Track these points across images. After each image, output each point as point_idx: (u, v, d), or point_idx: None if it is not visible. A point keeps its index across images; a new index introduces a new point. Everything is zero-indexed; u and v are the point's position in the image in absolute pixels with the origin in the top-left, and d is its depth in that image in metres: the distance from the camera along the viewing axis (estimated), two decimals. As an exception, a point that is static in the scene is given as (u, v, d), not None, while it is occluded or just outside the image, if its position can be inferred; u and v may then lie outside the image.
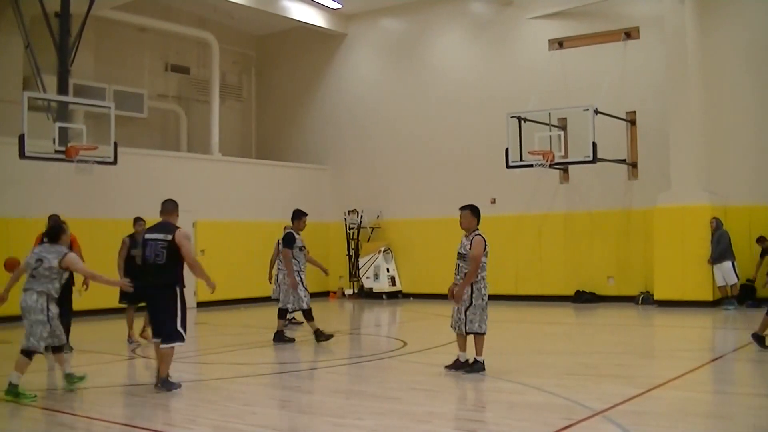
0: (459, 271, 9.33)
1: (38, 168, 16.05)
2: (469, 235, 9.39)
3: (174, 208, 9.06)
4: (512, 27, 20.49)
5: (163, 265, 8.43)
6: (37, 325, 8.27)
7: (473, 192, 20.48)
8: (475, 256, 9.15)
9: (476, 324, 9.19)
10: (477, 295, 9.24)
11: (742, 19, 17.58)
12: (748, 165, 17.39)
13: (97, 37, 20.28)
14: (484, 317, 9.29)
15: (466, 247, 9.18)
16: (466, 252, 9.13)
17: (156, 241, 8.58)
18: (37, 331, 8.26)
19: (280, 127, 24.67)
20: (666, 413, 7.08)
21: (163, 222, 8.87)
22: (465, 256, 9.14)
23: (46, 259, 8.39)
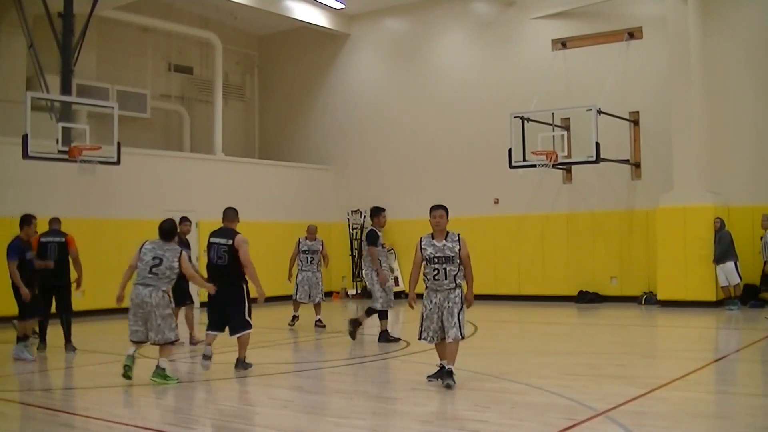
0: (446, 276, 8.42)
1: (41, 168, 16.08)
2: (447, 235, 8.53)
3: (235, 215, 10.01)
4: (515, 27, 20.48)
5: (226, 266, 9.51)
6: (168, 318, 9.01)
7: (476, 192, 20.58)
8: (468, 256, 8.50)
9: (465, 328, 8.57)
10: (463, 296, 8.53)
11: (745, 19, 17.56)
12: (751, 165, 17.37)
13: (100, 37, 20.31)
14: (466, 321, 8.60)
15: (453, 249, 8.43)
16: (454, 254, 8.40)
17: (219, 245, 9.61)
18: (170, 323, 9.02)
19: (283, 127, 24.69)
20: (668, 414, 7.07)
21: (224, 228, 9.80)
22: (453, 258, 8.39)
23: (165, 258, 9.00)
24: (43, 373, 10.56)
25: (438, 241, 8.51)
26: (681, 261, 16.83)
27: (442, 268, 8.43)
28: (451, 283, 8.43)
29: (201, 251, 19.68)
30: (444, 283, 8.43)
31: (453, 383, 8.15)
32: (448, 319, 8.37)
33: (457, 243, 8.49)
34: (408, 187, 21.93)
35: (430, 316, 8.53)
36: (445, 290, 8.45)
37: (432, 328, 8.53)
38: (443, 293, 8.46)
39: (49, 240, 12.09)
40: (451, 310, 8.38)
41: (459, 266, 8.43)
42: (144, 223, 18.45)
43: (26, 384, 9.68)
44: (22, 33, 16.95)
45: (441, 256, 8.44)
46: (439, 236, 8.54)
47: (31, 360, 10.82)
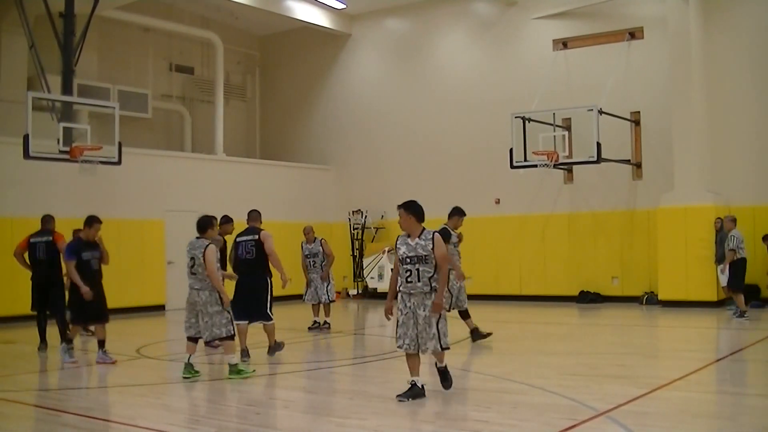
0: (419, 277, 7.66)
1: (42, 168, 16.08)
2: (420, 234, 7.84)
3: (258, 215, 11.18)
4: (516, 27, 20.48)
5: (254, 260, 10.61)
6: (215, 315, 9.21)
7: (477, 192, 20.58)
8: (444, 256, 7.80)
9: (447, 337, 7.81)
10: (444, 302, 7.88)
11: (746, 19, 17.56)
12: (752, 165, 17.36)
13: (101, 38, 20.32)
14: (447, 329, 7.86)
15: (426, 248, 7.69)
16: (427, 253, 7.66)
17: (246, 242, 10.71)
18: (218, 321, 9.22)
19: (284, 127, 24.69)
20: (669, 414, 7.07)
21: (250, 227, 10.93)
22: (426, 258, 7.66)
23: (196, 257, 9.26)
24: (43, 373, 10.56)
25: (412, 240, 7.83)
26: (682, 261, 16.82)
27: (415, 269, 7.69)
28: (425, 286, 7.67)
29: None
30: (417, 285, 7.68)
31: (450, 382, 7.97)
32: (426, 330, 7.65)
33: (430, 242, 7.74)
34: (409, 187, 21.84)
35: (405, 322, 7.77)
36: (419, 294, 7.69)
37: (409, 335, 7.76)
38: (417, 297, 7.71)
39: (38, 240, 12.06)
40: (429, 319, 7.65)
41: (435, 267, 7.72)
42: (145, 223, 18.52)
43: (26, 384, 9.68)
44: (23, 33, 16.95)
45: (413, 255, 7.72)
46: (414, 235, 7.86)
47: (69, 361, 10.61)
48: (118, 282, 16.81)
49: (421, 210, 8.03)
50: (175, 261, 19.22)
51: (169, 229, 19.07)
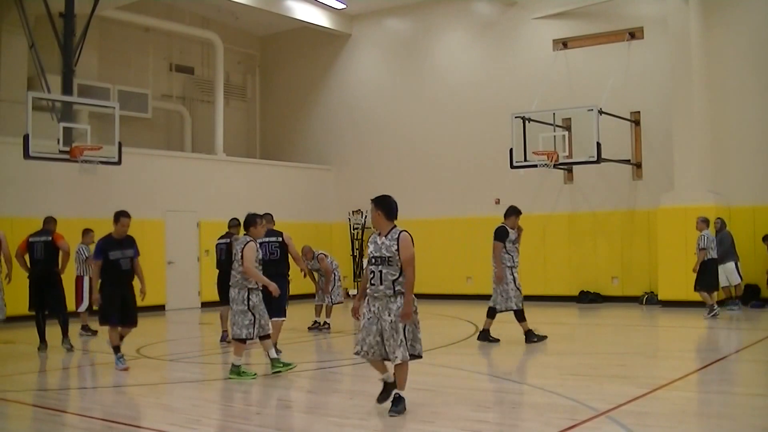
0: (382, 280, 7.14)
1: (42, 168, 16.09)
2: (388, 232, 7.28)
3: (272, 218, 11.61)
4: (516, 27, 20.47)
5: (278, 260, 11.02)
6: (238, 315, 9.19)
7: (477, 192, 20.59)
8: (410, 258, 7.24)
9: (417, 345, 7.22)
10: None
11: (746, 19, 17.55)
12: (753, 165, 17.35)
13: (101, 37, 20.32)
14: (418, 336, 7.28)
15: (390, 248, 7.15)
16: (391, 254, 7.14)
17: (270, 243, 11.05)
18: (239, 320, 9.18)
19: (284, 127, 24.68)
20: (669, 414, 7.07)
21: (270, 229, 11.08)
22: (390, 259, 7.13)
23: (237, 252, 9.31)
24: (43, 373, 10.56)
25: (380, 239, 7.29)
26: (682, 261, 16.78)
27: (378, 270, 7.16)
28: (388, 289, 7.12)
29: (202, 251, 19.73)
30: (379, 288, 7.14)
31: (400, 412, 7.05)
32: (393, 336, 7.06)
33: (395, 242, 7.18)
34: (409, 187, 21.90)
35: (367, 327, 7.20)
36: (382, 298, 7.15)
37: (368, 342, 7.17)
38: (381, 301, 7.16)
39: (36, 240, 12.09)
40: (395, 325, 7.07)
41: (400, 270, 7.20)
42: (145, 223, 18.48)
43: (26, 384, 9.68)
44: (24, 33, 16.95)
45: (378, 256, 7.18)
46: (383, 233, 7.30)
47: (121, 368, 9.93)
48: (118, 282, 16.83)
49: (391, 206, 7.40)
50: (174, 261, 19.23)
51: (169, 229, 19.08)
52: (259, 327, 9.27)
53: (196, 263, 19.76)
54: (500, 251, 11.98)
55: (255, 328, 9.21)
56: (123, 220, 10.22)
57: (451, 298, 20.28)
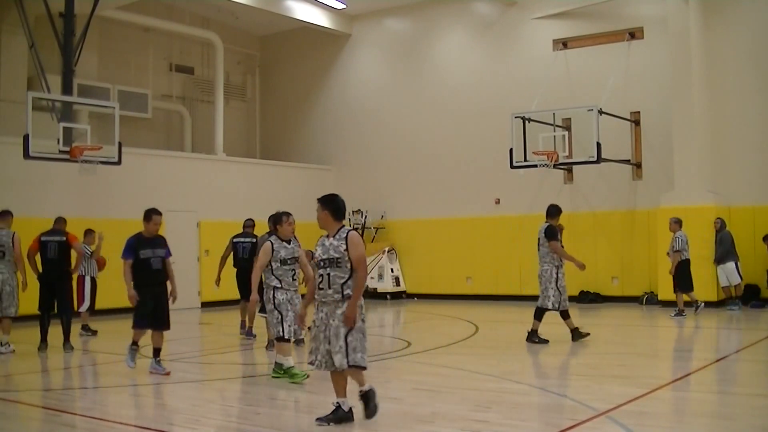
0: (330, 284, 6.66)
1: (42, 168, 16.09)
2: (336, 233, 6.83)
3: None
4: (516, 27, 20.47)
5: None
6: (269, 314, 9.03)
7: (477, 192, 20.60)
8: (359, 258, 6.69)
9: (359, 354, 6.71)
10: (359, 312, 6.73)
11: (746, 19, 17.55)
12: (752, 165, 17.36)
13: (101, 38, 20.32)
14: (365, 345, 6.79)
15: (338, 249, 6.67)
16: (339, 255, 6.66)
17: None
18: (271, 320, 9.03)
19: (284, 127, 24.68)
20: (670, 413, 7.07)
21: None
22: (339, 261, 6.65)
23: None
24: (43, 373, 10.56)
25: (328, 240, 6.84)
26: (682, 261, 16.80)
27: (326, 273, 6.70)
28: (336, 293, 6.65)
29: (202, 251, 19.73)
30: (328, 293, 6.69)
31: (376, 408, 6.75)
32: (333, 342, 6.65)
33: (344, 242, 6.69)
34: (409, 187, 21.93)
35: (317, 335, 6.82)
36: (330, 303, 6.70)
37: (320, 351, 6.79)
38: (329, 306, 6.71)
39: (49, 239, 12.14)
40: (337, 330, 6.63)
41: (350, 272, 6.68)
42: (145, 223, 18.47)
43: (26, 384, 9.68)
44: (24, 33, 16.95)
45: (326, 258, 6.73)
46: (331, 234, 6.86)
47: (130, 366, 9.67)
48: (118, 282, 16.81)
49: (339, 205, 7.00)
50: (175, 261, 19.17)
51: (169, 229, 19.00)
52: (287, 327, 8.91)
53: (196, 263, 19.75)
54: (560, 247, 12.13)
55: (285, 325, 8.85)
56: (155, 217, 9.89)
57: (451, 298, 20.29)
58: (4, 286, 11.72)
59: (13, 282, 11.81)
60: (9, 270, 11.80)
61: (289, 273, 9.11)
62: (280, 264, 9.03)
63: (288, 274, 9.08)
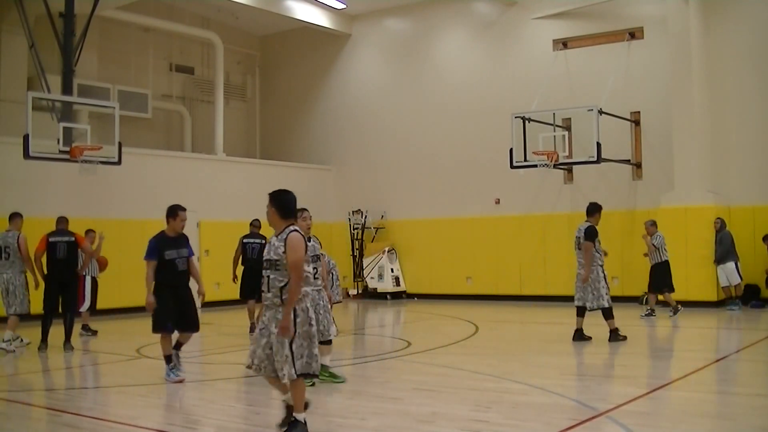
0: (269, 286, 6.31)
1: (42, 168, 16.09)
2: (279, 233, 6.39)
3: None
4: (516, 27, 20.47)
5: None
6: None
7: (477, 192, 20.61)
8: (294, 262, 6.22)
9: (306, 360, 6.25)
10: (303, 318, 6.25)
11: (746, 19, 17.55)
12: (752, 165, 17.36)
13: (101, 38, 20.31)
14: (314, 351, 6.31)
15: (278, 251, 6.28)
16: (278, 257, 6.28)
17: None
18: None
19: (284, 127, 24.68)
20: (670, 414, 7.07)
21: None
22: (277, 263, 6.29)
23: None
24: (43, 373, 10.56)
25: (274, 239, 6.47)
26: (682, 261, 16.79)
27: (267, 275, 6.34)
28: (276, 297, 6.28)
29: (202, 251, 19.73)
30: (268, 296, 6.34)
31: None
32: (279, 351, 6.21)
33: (283, 244, 6.28)
34: (409, 187, 21.93)
35: (257, 338, 6.41)
36: (272, 307, 6.32)
37: (258, 355, 6.37)
38: (271, 311, 6.34)
39: (58, 240, 12.19)
40: (281, 338, 6.19)
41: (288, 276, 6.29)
42: (145, 223, 18.45)
43: (27, 384, 9.69)
44: (24, 33, 16.94)
45: (267, 259, 6.37)
46: (277, 232, 6.48)
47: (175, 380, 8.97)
48: (118, 282, 16.84)
49: (284, 201, 6.48)
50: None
51: (169, 229, 19.05)
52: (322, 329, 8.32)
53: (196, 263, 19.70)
54: (592, 251, 11.96)
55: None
56: (181, 213, 9.33)
57: (451, 298, 20.30)
58: (8, 286, 12.04)
59: (17, 281, 12.08)
60: (13, 270, 12.09)
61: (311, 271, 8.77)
62: None
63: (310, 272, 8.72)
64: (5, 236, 12.19)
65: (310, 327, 6.28)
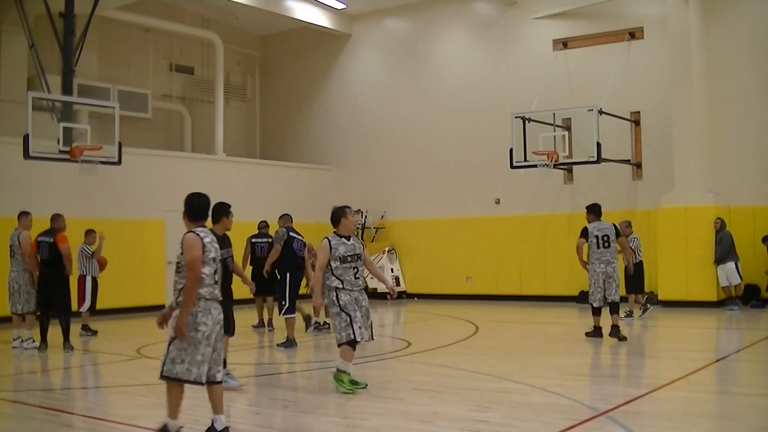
0: (174, 289, 6.24)
1: (42, 168, 16.09)
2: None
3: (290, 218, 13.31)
4: (516, 27, 20.47)
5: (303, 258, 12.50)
6: (335, 317, 8.22)
7: (477, 192, 20.61)
8: (188, 263, 6.06)
9: (185, 365, 6.08)
10: (191, 322, 6.08)
11: (746, 19, 17.55)
12: (752, 165, 17.36)
13: (101, 37, 20.31)
14: (197, 358, 6.09)
15: (179, 252, 6.15)
16: (179, 259, 6.15)
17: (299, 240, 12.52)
18: (337, 323, 8.21)
19: (284, 127, 24.68)
20: (669, 414, 7.07)
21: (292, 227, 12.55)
22: (178, 265, 6.16)
23: None
24: (43, 373, 10.56)
25: None
26: (682, 261, 16.82)
27: (174, 279, 6.27)
28: (177, 298, 6.20)
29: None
30: (173, 298, 6.29)
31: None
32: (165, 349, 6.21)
33: (180, 245, 6.16)
34: (409, 187, 21.93)
35: None
36: (176, 308, 6.21)
37: None
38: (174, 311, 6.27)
39: (42, 240, 12.17)
40: (168, 338, 6.17)
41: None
42: (145, 223, 18.51)
43: (26, 384, 9.69)
44: (24, 33, 16.95)
45: (177, 262, 6.27)
46: None
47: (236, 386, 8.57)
48: (118, 282, 16.84)
49: (191, 203, 6.38)
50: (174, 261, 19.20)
51: (169, 229, 19.06)
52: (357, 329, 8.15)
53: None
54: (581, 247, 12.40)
55: (354, 327, 8.12)
56: (232, 213, 9.01)
57: (451, 298, 20.30)
58: (13, 284, 12.25)
59: (20, 280, 12.22)
60: (17, 269, 12.24)
61: (351, 271, 8.22)
62: (340, 262, 8.20)
63: (349, 273, 8.21)
64: (13, 235, 12.35)
65: (195, 333, 6.07)
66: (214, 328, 6.18)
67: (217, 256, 6.33)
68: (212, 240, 6.29)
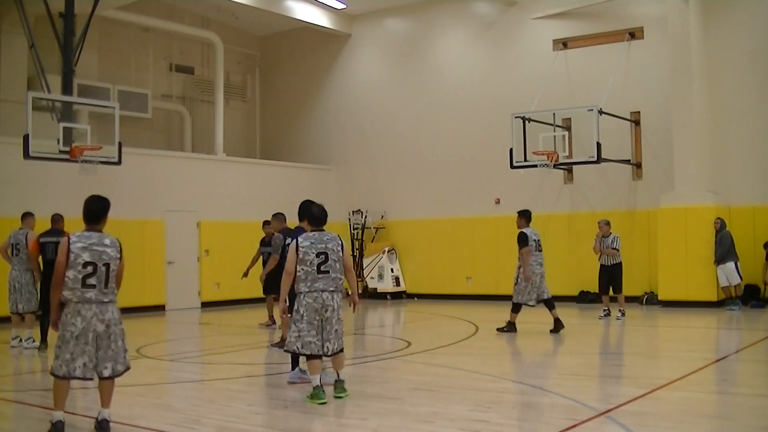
0: None
1: (42, 168, 16.09)
2: None
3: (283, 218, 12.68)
4: (516, 27, 20.48)
5: None
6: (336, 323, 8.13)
7: (477, 192, 20.62)
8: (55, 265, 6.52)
9: (59, 362, 6.52)
10: (64, 321, 6.49)
11: (746, 19, 17.56)
12: (753, 165, 17.37)
13: (101, 37, 20.31)
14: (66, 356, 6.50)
15: None
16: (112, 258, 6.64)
17: None
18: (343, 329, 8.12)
19: (284, 127, 24.69)
20: (669, 414, 7.07)
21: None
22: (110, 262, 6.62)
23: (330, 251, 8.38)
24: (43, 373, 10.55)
25: None
26: (682, 261, 16.82)
27: None
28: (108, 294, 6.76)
29: (202, 251, 19.74)
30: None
31: None
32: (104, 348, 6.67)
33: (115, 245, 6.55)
34: (409, 187, 21.94)
35: None
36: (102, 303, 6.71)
37: None
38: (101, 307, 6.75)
39: (48, 240, 12.13)
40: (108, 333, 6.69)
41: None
42: (145, 223, 18.52)
43: (26, 384, 9.68)
44: (24, 33, 16.94)
45: None
46: None
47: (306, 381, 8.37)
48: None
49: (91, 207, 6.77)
50: (174, 261, 19.23)
51: (169, 229, 19.08)
52: None
53: (196, 263, 19.75)
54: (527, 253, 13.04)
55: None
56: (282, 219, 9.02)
57: (451, 298, 20.30)
58: (14, 283, 12.28)
59: (23, 279, 12.25)
60: (20, 268, 12.27)
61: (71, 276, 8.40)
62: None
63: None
64: (17, 234, 12.37)
65: (64, 332, 6.50)
66: (89, 328, 6.56)
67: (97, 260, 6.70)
68: (88, 245, 6.65)
